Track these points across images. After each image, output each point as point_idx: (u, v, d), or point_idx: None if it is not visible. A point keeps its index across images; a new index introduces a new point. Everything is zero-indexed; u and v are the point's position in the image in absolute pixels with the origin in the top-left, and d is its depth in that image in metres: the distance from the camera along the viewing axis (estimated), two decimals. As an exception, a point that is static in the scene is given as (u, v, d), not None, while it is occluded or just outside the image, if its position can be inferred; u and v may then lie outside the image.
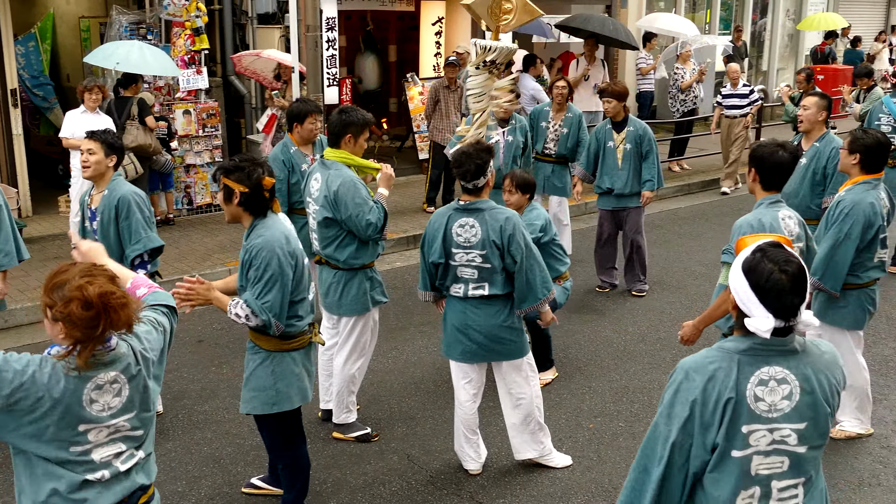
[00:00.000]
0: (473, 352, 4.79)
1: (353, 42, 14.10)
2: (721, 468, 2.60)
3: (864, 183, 5.10)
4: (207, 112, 10.42)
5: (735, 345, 2.61)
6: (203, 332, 7.19)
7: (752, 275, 2.54)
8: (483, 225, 4.59)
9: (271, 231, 4.03)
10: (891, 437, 5.40)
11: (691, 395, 2.59)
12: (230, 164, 4.07)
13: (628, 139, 7.71)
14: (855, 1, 21.45)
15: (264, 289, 3.99)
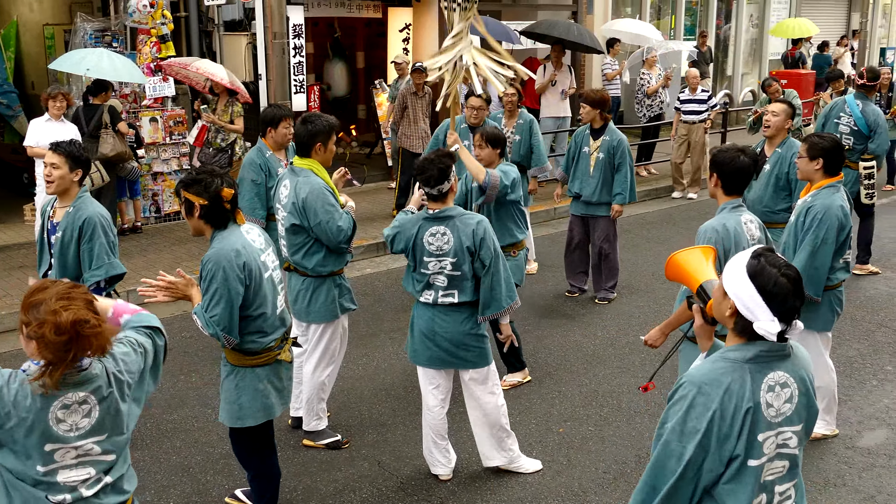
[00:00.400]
0: (440, 358, 4.82)
1: (321, 49, 14.09)
2: (738, 479, 2.57)
3: (829, 187, 5.16)
4: (174, 119, 10.36)
5: (741, 353, 2.60)
6: (172, 340, 7.06)
7: (759, 279, 2.56)
8: (455, 231, 4.62)
9: (223, 244, 4.00)
10: (856, 438, 5.48)
11: (709, 408, 2.54)
12: (189, 177, 4.07)
13: (602, 148, 7.68)
14: (817, 7, 21.77)
15: (211, 302, 3.98)
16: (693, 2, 18.81)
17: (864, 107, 8.61)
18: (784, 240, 5.30)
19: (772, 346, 2.59)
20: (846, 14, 22.95)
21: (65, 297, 2.57)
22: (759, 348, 2.59)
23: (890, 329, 7.29)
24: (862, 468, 5.13)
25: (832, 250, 5.08)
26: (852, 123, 8.60)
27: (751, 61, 20.60)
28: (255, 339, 4.16)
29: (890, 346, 6.94)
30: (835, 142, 5.24)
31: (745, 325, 2.59)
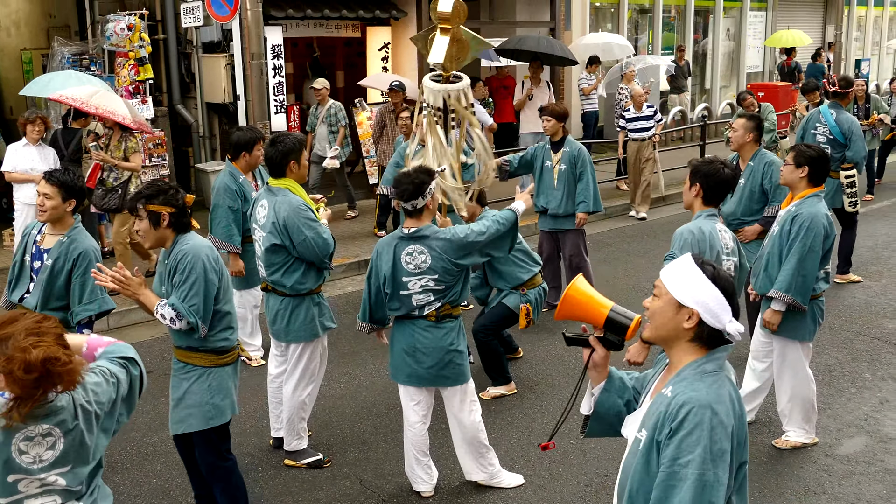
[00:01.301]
0: (419, 375, 4.81)
1: (301, 69, 14.11)
2: (742, 484, 2.57)
3: (813, 196, 5.22)
4: (154, 142, 10.35)
5: (717, 364, 2.57)
6: (152, 363, 7.11)
7: (720, 282, 2.56)
8: (431, 250, 4.63)
9: (196, 240, 4.20)
10: (835, 446, 5.51)
11: (727, 427, 2.46)
12: (148, 191, 4.16)
13: (563, 160, 7.73)
14: (792, 20, 22.01)
15: (190, 291, 4.10)
16: (671, 17, 18.99)
17: (838, 115, 8.71)
18: (767, 250, 5.34)
19: (726, 349, 2.60)
20: (822, 27, 23.20)
21: (34, 333, 2.52)
22: (722, 355, 2.59)
23: (868, 337, 7.35)
24: (841, 476, 5.16)
25: (819, 258, 5.13)
26: (828, 133, 8.70)
27: (728, 74, 20.79)
28: (227, 335, 4.31)
29: (868, 353, 6.99)
30: (821, 152, 5.30)
31: (710, 333, 2.55)
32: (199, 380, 4.30)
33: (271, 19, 11.29)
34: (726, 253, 4.41)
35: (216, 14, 9.69)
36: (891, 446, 5.48)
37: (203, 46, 11.64)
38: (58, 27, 11.83)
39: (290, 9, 11.56)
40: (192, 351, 4.28)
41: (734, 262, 4.47)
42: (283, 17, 11.53)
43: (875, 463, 5.29)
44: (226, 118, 11.78)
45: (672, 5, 18.86)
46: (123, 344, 3.07)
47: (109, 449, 5.52)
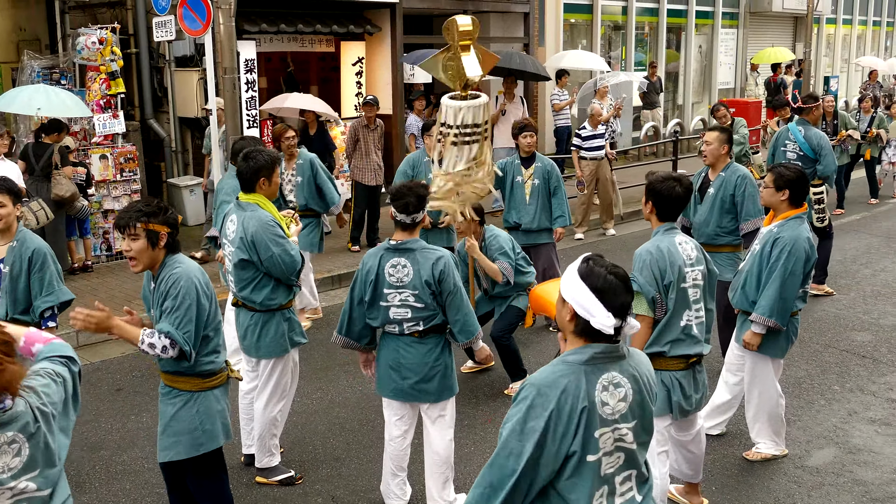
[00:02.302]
0: (403, 390, 4.77)
1: (275, 83, 14.09)
2: (578, 473, 2.73)
3: (795, 218, 5.26)
4: (125, 156, 10.29)
5: (577, 357, 2.78)
6: (122, 380, 7.04)
7: (590, 279, 2.77)
8: (415, 265, 4.60)
9: (186, 263, 4.05)
10: (804, 457, 5.55)
11: (547, 408, 2.69)
12: (147, 208, 3.98)
13: (536, 175, 7.75)
14: (762, 37, 22.31)
15: (185, 317, 3.94)
16: (644, 33, 19.18)
17: (807, 132, 8.82)
18: (747, 267, 5.37)
19: (605, 348, 2.77)
20: (791, 44, 23.53)
21: None
22: (594, 350, 2.77)
23: (836, 350, 7.42)
24: (811, 487, 5.19)
25: (799, 281, 5.18)
26: (798, 149, 8.80)
27: (700, 91, 21.01)
28: (213, 358, 4.15)
29: (837, 366, 7.06)
30: (800, 173, 5.34)
31: (584, 326, 2.76)
32: (187, 405, 4.16)
33: (245, 34, 11.28)
34: (689, 264, 4.43)
35: (188, 28, 9.64)
36: (859, 457, 5.53)
37: (175, 60, 11.60)
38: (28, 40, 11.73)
39: (264, 23, 11.56)
40: (178, 375, 4.13)
41: (700, 270, 4.49)
42: (257, 31, 11.53)
43: (844, 474, 5.33)
44: (198, 133, 11.73)
45: (645, 22, 19.05)
46: (60, 342, 3.04)
47: (77, 468, 5.48)
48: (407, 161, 8.26)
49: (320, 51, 13.31)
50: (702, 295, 4.51)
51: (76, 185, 9.19)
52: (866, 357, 7.23)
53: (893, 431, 5.88)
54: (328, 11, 12.63)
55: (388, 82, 13.28)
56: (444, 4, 13.79)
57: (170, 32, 10.47)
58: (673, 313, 4.41)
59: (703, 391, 4.62)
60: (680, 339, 4.45)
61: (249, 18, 11.43)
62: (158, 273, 4.05)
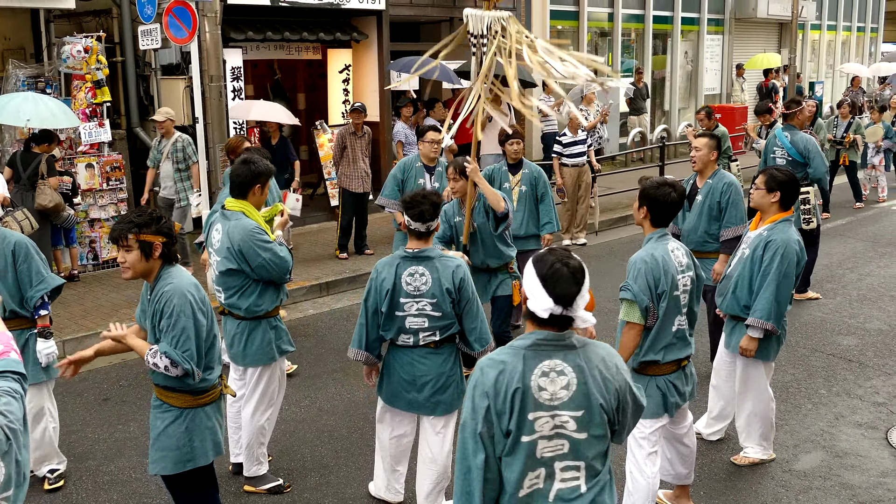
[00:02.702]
0: (420, 403, 4.73)
1: (262, 90, 14.08)
2: (513, 452, 2.90)
3: (784, 221, 5.29)
4: (111, 165, 10.24)
5: (522, 342, 2.95)
6: (109, 390, 7.00)
7: (538, 265, 2.94)
8: (434, 273, 4.56)
9: (180, 278, 3.99)
10: (792, 461, 5.57)
11: (486, 387, 2.89)
12: (139, 219, 3.94)
13: (524, 181, 7.75)
14: (748, 43, 22.44)
15: (182, 336, 3.91)
16: (631, 39, 19.26)
17: (793, 136, 8.86)
18: (737, 272, 5.38)
19: (549, 335, 2.92)
20: (776, 50, 23.66)
21: None
22: (537, 337, 2.93)
23: (823, 354, 7.45)
24: (798, 491, 5.21)
25: (793, 284, 5.22)
26: (786, 155, 8.84)
27: (687, 96, 21.10)
28: (206, 375, 4.10)
29: (823, 370, 7.09)
30: (791, 176, 5.37)
31: (530, 311, 2.94)
32: (176, 421, 4.11)
33: (231, 41, 11.27)
34: (681, 271, 4.46)
35: (174, 36, 9.63)
36: (846, 461, 5.55)
37: (162, 69, 11.58)
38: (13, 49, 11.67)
39: (250, 31, 11.55)
40: (169, 390, 4.10)
41: (690, 276, 4.52)
42: (243, 39, 11.52)
43: (831, 478, 5.35)
44: (185, 141, 11.70)
45: (631, 28, 19.14)
46: (13, 359, 3.00)
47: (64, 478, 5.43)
48: (399, 166, 8.28)
49: (307, 58, 13.31)
50: (689, 299, 4.55)
51: (61, 195, 9.15)
52: (852, 361, 7.27)
53: (880, 435, 5.91)
54: (315, 19, 12.63)
55: (374, 89, 13.29)
56: (431, 12, 13.83)
57: (155, 41, 10.44)
58: (665, 320, 4.43)
59: (692, 382, 4.69)
60: (672, 344, 4.48)
61: (236, 26, 11.43)
62: (154, 285, 4.02)
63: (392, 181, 8.13)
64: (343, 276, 9.90)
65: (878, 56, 28.19)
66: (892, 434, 5.91)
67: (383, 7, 12.88)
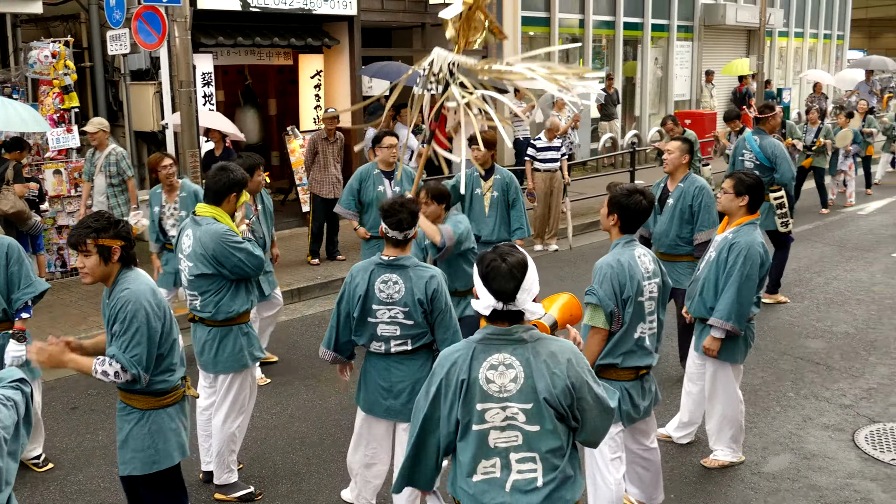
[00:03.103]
0: (397, 409, 4.70)
1: (233, 96, 14.03)
2: (465, 439, 3.09)
3: (749, 224, 5.35)
4: (79, 171, 10.14)
5: (476, 336, 3.12)
6: (77, 398, 6.92)
7: (479, 264, 3.07)
8: (407, 282, 4.53)
9: (137, 283, 3.97)
10: (761, 464, 5.62)
11: (439, 376, 3.12)
12: (96, 224, 3.92)
13: (495, 187, 7.73)
14: (716, 50, 22.67)
15: (132, 342, 3.90)
16: (602, 46, 19.39)
17: (762, 141, 8.96)
18: (703, 275, 5.43)
19: (497, 330, 3.06)
20: (745, 56, 23.92)
21: None
22: (487, 331, 3.08)
23: (791, 357, 7.53)
24: (767, 493, 5.26)
25: (755, 286, 5.27)
26: (754, 158, 8.94)
27: (657, 102, 21.27)
28: (166, 377, 4.09)
29: (792, 373, 7.16)
30: (758, 179, 5.44)
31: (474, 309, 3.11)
32: (139, 423, 4.11)
33: (201, 47, 11.21)
34: (647, 277, 4.48)
35: (143, 42, 9.57)
36: (814, 463, 5.62)
37: (131, 74, 11.49)
38: (-21, 54, 11.55)
39: (221, 36, 11.50)
40: (131, 393, 4.08)
41: (656, 283, 4.54)
42: (214, 44, 11.47)
43: (799, 479, 5.41)
44: (154, 146, 11.62)
45: (602, 35, 19.26)
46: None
47: (31, 488, 5.38)
48: (356, 175, 8.12)
49: (278, 63, 13.28)
50: (656, 307, 4.56)
51: (27, 202, 9.04)
52: (820, 364, 7.35)
53: (846, 437, 5.98)
54: (286, 24, 12.60)
55: (346, 94, 13.29)
56: (402, 18, 13.85)
57: (124, 46, 10.38)
58: (628, 326, 4.44)
59: (650, 398, 4.64)
60: (632, 351, 4.48)
61: (206, 31, 11.37)
62: (112, 289, 4.00)
63: (348, 191, 8.06)
64: (315, 282, 9.87)
65: (844, 63, 28.59)
66: (859, 436, 5.98)
67: (355, 12, 12.88)
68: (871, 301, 9.17)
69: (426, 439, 3.19)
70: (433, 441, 3.18)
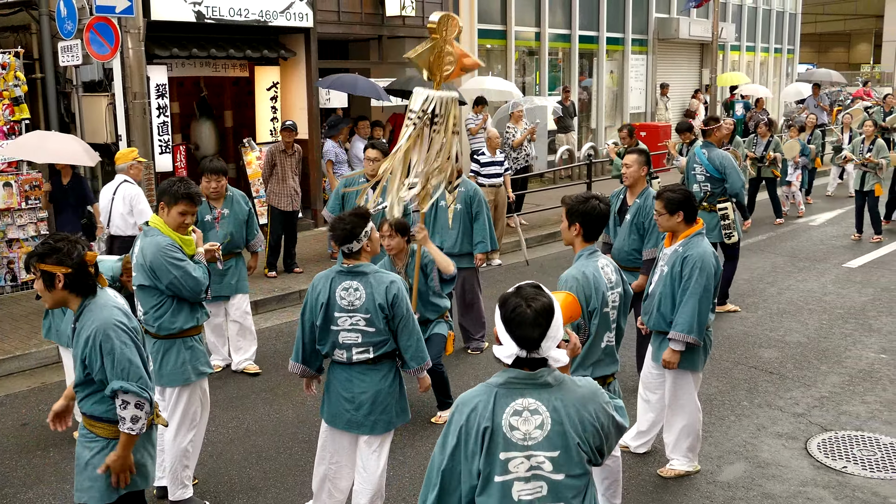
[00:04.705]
0: (358, 422, 4.67)
1: (188, 108, 13.88)
2: (487, 492, 2.84)
3: (696, 235, 5.41)
4: (30, 184, 9.97)
5: (496, 379, 2.90)
6: (28, 415, 6.79)
7: (502, 308, 2.88)
8: (367, 287, 4.55)
9: (104, 312, 3.79)
10: (716, 473, 5.68)
11: (458, 424, 2.87)
12: (43, 247, 3.77)
13: (459, 200, 7.79)
14: (671, 63, 22.99)
15: (129, 368, 3.75)
16: (558, 59, 19.55)
17: (710, 153, 9.10)
18: (660, 289, 5.48)
19: (520, 374, 2.86)
20: (698, 70, 24.31)
21: None
22: (509, 375, 2.88)
23: (745, 366, 7.63)
24: (722, 502, 5.31)
25: (712, 296, 5.34)
26: (704, 171, 9.08)
27: (613, 114, 21.49)
28: None
29: (746, 382, 7.26)
30: (686, 192, 5.51)
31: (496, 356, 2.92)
32: (101, 452, 3.95)
33: (155, 58, 11.09)
34: (610, 287, 4.53)
35: (96, 53, 9.45)
36: (768, 471, 5.69)
37: (83, 86, 11.32)
38: (-73, 65, 11.31)
39: (175, 48, 11.39)
40: (95, 420, 3.93)
41: (619, 292, 4.60)
42: (168, 55, 11.35)
43: (753, 488, 5.47)
44: (108, 158, 11.45)
45: (558, 48, 19.43)
46: None
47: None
48: (342, 181, 8.36)
49: (234, 75, 13.17)
50: (617, 315, 4.62)
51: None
52: (773, 373, 7.46)
53: (799, 445, 6.07)
54: (242, 36, 12.52)
55: (303, 107, 13.22)
56: (359, 30, 13.84)
57: (76, 57, 10.23)
58: (595, 336, 4.49)
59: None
60: (600, 360, 4.55)
61: (160, 43, 11.25)
62: (78, 314, 3.83)
63: (334, 196, 8.17)
64: (272, 294, 9.79)
65: (794, 77, 29.15)
66: (811, 444, 6.07)
67: (311, 24, 12.84)
68: (823, 311, 9.33)
69: (447, 500, 2.91)
70: (454, 499, 2.91)
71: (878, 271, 11.10)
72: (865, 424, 6.41)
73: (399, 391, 4.77)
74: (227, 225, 7.30)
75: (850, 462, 5.80)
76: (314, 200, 13.33)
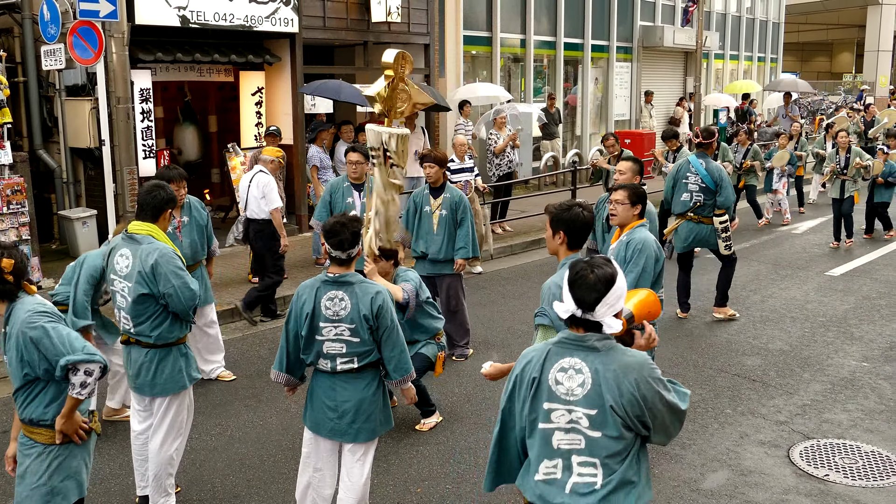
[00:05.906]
0: (341, 430, 4.65)
1: (172, 113, 13.84)
2: (532, 436, 3.24)
3: (640, 226, 5.60)
4: (12, 188, 9.88)
5: (554, 338, 3.26)
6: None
7: (571, 270, 3.20)
8: (353, 298, 4.51)
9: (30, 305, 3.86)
10: (699, 481, 5.70)
11: (515, 372, 3.31)
12: None
13: (444, 205, 7.81)
14: (655, 71, 23.10)
15: (68, 339, 3.81)
16: (543, 65, 19.61)
17: (707, 164, 9.13)
18: None
19: (571, 335, 3.19)
20: (682, 78, 24.43)
21: None
22: (563, 335, 3.22)
23: (728, 374, 7.66)
24: (706, 510, 5.34)
25: (651, 279, 5.42)
26: (700, 181, 9.10)
27: (598, 122, 21.57)
28: None
29: (729, 390, 7.28)
30: (643, 190, 5.76)
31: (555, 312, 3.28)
32: (38, 458, 3.94)
33: (139, 62, 11.05)
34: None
35: (79, 57, 9.40)
36: (751, 479, 5.71)
37: (66, 90, 11.27)
38: None
39: (159, 52, 11.34)
40: (33, 425, 3.93)
41: None
42: (152, 60, 11.30)
43: (736, 496, 5.49)
44: (91, 163, 11.41)
45: (543, 55, 19.49)
46: None
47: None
48: (328, 187, 8.35)
49: (219, 80, 13.14)
50: None
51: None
52: (756, 381, 7.49)
53: (782, 453, 6.10)
54: (227, 41, 12.49)
55: (288, 112, 13.21)
56: (345, 35, 13.83)
57: (59, 61, 10.18)
58: None
59: None
60: None
61: (144, 47, 11.20)
62: (6, 318, 3.87)
63: (322, 204, 8.18)
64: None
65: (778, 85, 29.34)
66: (794, 452, 6.10)
67: (296, 30, 12.83)
68: (805, 318, 9.39)
69: (507, 434, 3.36)
70: (513, 436, 3.34)
71: (860, 280, 11.18)
72: (847, 432, 6.45)
73: (383, 399, 4.75)
74: (189, 233, 7.17)
75: (832, 470, 5.83)
76: (299, 206, 13.31)
